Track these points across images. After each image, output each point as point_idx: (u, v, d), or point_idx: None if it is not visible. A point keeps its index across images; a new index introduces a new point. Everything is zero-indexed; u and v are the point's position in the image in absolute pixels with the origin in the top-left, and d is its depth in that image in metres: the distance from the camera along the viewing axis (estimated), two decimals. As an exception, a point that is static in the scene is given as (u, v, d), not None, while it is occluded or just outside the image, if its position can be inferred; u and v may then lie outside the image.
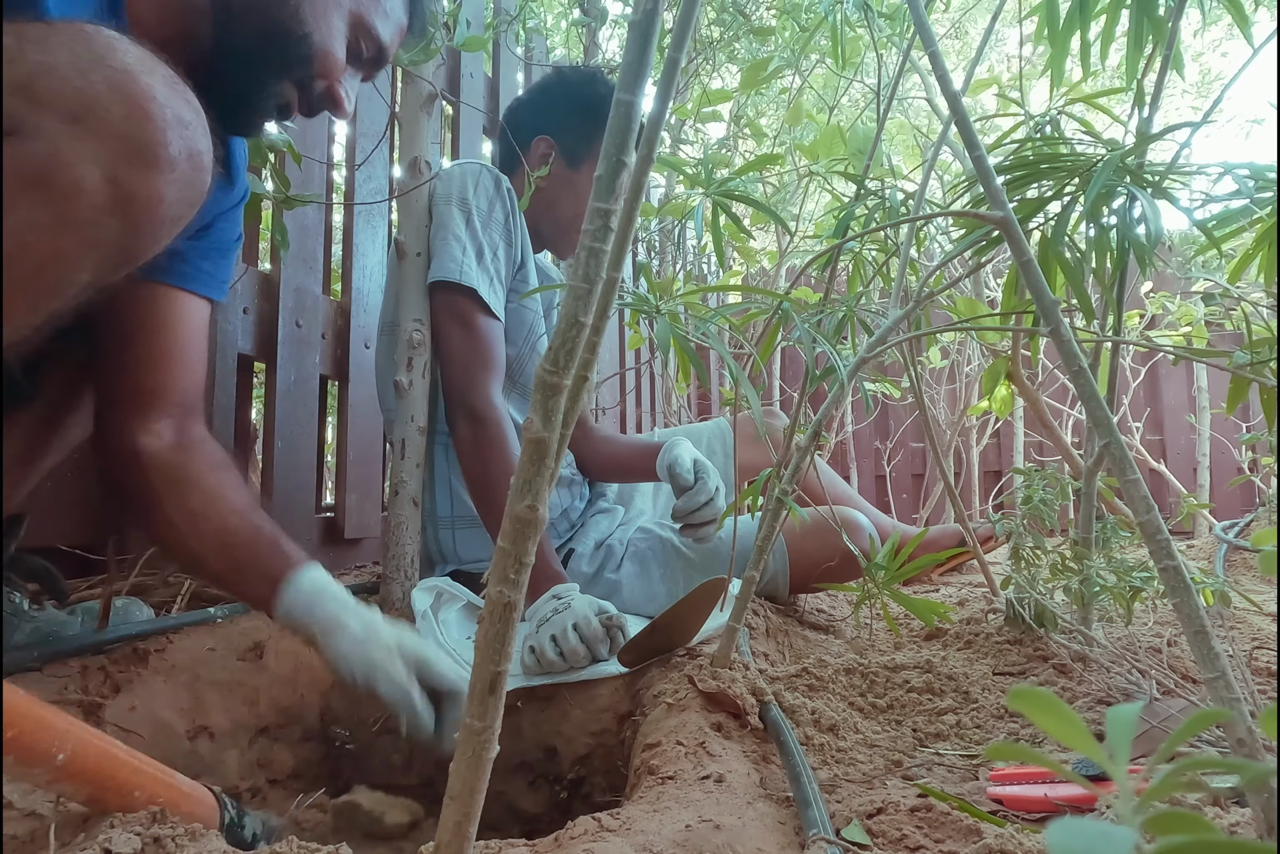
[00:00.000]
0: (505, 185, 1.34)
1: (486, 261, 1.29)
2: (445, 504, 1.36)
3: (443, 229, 1.27)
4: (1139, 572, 0.93)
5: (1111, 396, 1.04)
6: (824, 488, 1.52)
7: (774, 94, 3.14)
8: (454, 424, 1.25)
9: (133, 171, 0.56)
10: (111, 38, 0.57)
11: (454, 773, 0.42)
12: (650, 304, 0.77)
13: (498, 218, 1.32)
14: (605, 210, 0.40)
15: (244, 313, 1.32)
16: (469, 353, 1.25)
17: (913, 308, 0.92)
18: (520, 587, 0.41)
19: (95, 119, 0.54)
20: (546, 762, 1.01)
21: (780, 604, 1.42)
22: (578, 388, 0.41)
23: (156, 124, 0.56)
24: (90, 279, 0.57)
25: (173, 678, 0.89)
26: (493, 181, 1.33)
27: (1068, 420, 3.33)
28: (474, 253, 1.27)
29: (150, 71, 0.57)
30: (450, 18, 1.27)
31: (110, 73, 0.55)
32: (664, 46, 0.90)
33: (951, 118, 0.67)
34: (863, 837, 0.57)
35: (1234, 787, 0.58)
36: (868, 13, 1.30)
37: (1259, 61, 0.88)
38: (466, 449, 1.23)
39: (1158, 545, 0.50)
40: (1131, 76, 0.92)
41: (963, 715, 0.85)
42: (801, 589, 1.47)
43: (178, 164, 0.58)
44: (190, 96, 0.60)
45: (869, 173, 1.10)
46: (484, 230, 1.29)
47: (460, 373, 1.25)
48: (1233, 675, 0.48)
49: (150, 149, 0.56)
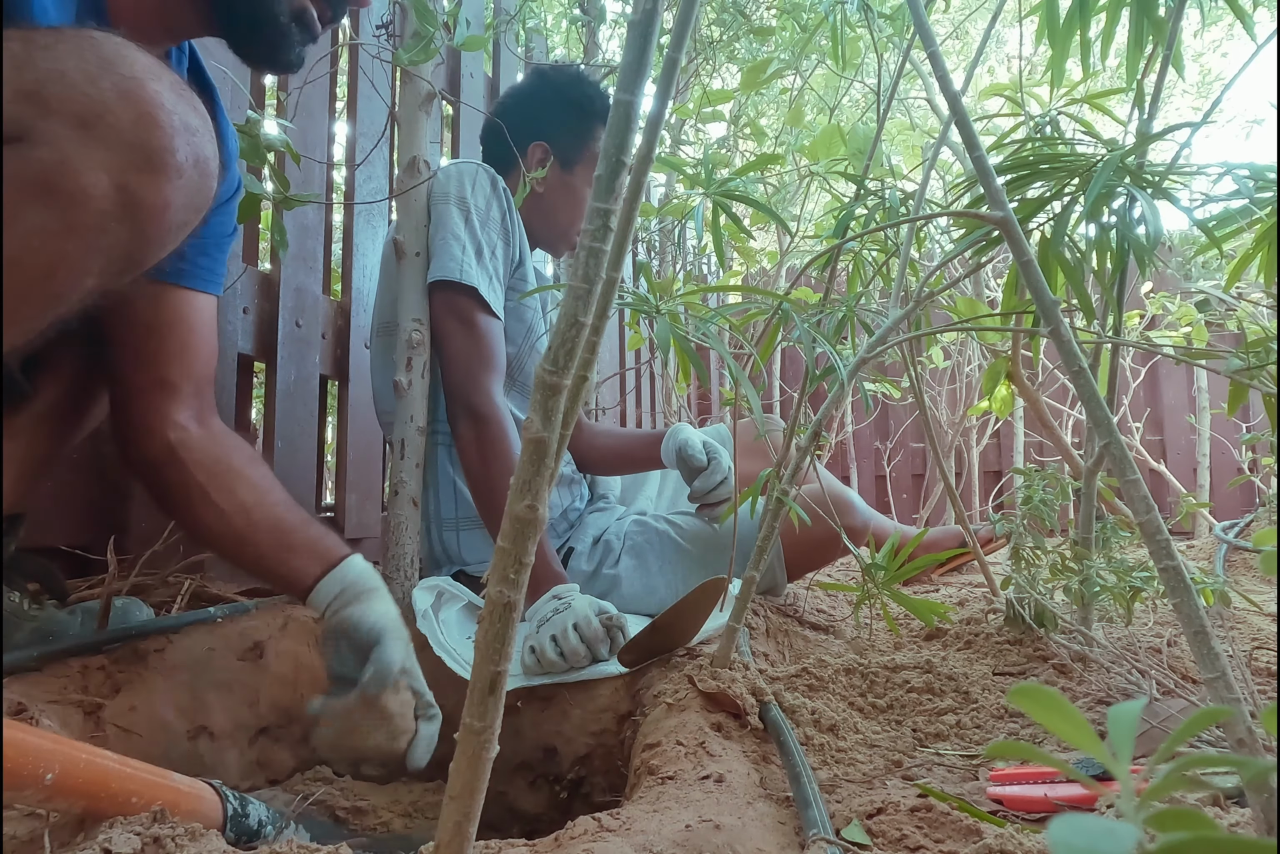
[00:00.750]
0: (501, 184, 1.35)
1: (485, 260, 1.29)
2: (449, 505, 1.36)
3: (441, 228, 1.28)
4: (1139, 572, 0.93)
5: (1111, 397, 1.04)
6: (822, 485, 1.53)
7: (774, 94, 3.14)
8: (455, 423, 1.26)
9: (141, 178, 0.56)
10: (119, 44, 0.57)
11: (454, 773, 0.42)
12: (650, 304, 0.77)
13: (495, 216, 1.32)
14: (605, 210, 0.40)
15: (244, 313, 1.32)
16: (470, 352, 1.26)
17: (913, 308, 0.92)
18: (520, 587, 0.41)
19: (104, 126, 0.54)
20: (546, 762, 1.01)
21: (780, 601, 1.42)
22: (578, 388, 0.41)
23: (165, 131, 0.56)
24: (96, 284, 0.58)
25: (173, 678, 0.89)
26: (489, 180, 1.33)
27: (1068, 420, 3.33)
28: (473, 251, 1.27)
29: (158, 78, 0.57)
30: (450, 18, 1.27)
31: (119, 79, 0.55)
32: (664, 46, 0.90)
33: (951, 118, 0.67)
34: (863, 837, 0.57)
35: (1234, 786, 0.58)
36: (868, 13, 1.30)
37: (1259, 61, 0.88)
38: (468, 448, 1.23)
39: (1158, 545, 0.50)
40: (1132, 76, 0.92)
41: (963, 715, 0.85)
42: (802, 572, 1.47)
43: (185, 170, 0.58)
44: (197, 102, 0.61)
45: (869, 173, 1.10)
46: (482, 229, 1.30)
47: (462, 372, 1.25)
48: (1233, 675, 0.48)
49: (158, 155, 0.56)
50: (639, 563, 1.39)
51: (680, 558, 1.39)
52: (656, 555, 1.40)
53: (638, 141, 0.42)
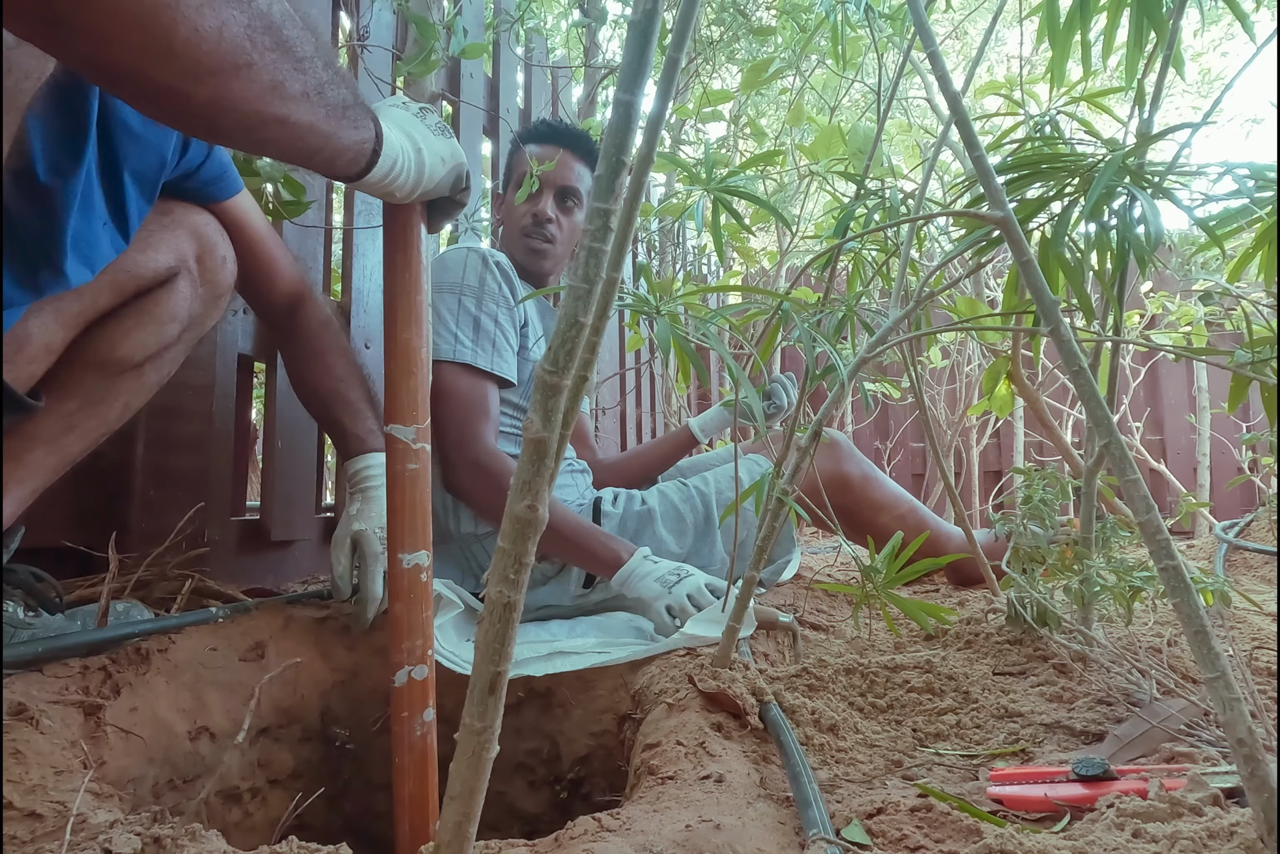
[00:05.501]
0: (492, 259, 1.43)
1: (487, 330, 1.37)
2: (469, 522, 1.39)
3: (436, 315, 1.37)
4: (1139, 572, 0.93)
5: (1111, 396, 1.04)
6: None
7: (774, 94, 3.14)
8: (456, 476, 1.31)
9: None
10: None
11: (454, 773, 0.42)
12: (650, 304, 0.77)
13: (491, 287, 1.40)
14: (605, 210, 0.40)
15: (244, 313, 1.32)
16: (463, 407, 1.32)
17: (913, 308, 0.92)
18: (520, 587, 0.41)
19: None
20: (546, 762, 1.01)
21: (781, 601, 1.42)
22: (578, 388, 0.41)
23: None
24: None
25: (175, 678, 0.89)
26: (479, 259, 1.42)
27: (1068, 420, 3.33)
28: (470, 328, 1.36)
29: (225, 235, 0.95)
30: (449, 24, 1.27)
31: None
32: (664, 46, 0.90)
33: (952, 118, 0.67)
34: (863, 837, 0.57)
35: (1234, 786, 0.58)
36: (869, 13, 1.30)
37: (1259, 61, 0.87)
38: (483, 497, 1.31)
39: (1158, 545, 0.50)
40: (1131, 76, 0.92)
41: (963, 715, 0.85)
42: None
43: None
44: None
45: (869, 173, 1.10)
46: (479, 305, 1.38)
47: (456, 427, 1.31)
48: (1233, 675, 0.48)
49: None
50: (662, 497, 1.50)
51: (698, 496, 1.50)
52: (676, 493, 1.51)
53: (638, 141, 0.42)
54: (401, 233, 0.84)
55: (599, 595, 1.39)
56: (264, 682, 0.87)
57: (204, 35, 0.51)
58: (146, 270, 0.86)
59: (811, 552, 2.38)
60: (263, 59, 0.55)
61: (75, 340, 0.83)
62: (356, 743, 1.05)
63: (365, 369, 1.17)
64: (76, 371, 0.84)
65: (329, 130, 0.64)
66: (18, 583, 0.87)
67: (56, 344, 0.81)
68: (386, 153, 0.72)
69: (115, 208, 0.81)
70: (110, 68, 0.51)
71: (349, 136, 0.67)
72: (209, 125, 0.58)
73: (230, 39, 0.53)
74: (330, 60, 0.63)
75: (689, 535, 1.45)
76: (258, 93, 0.56)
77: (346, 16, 1.53)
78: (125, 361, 0.87)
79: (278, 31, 0.56)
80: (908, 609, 0.91)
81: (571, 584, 1.39)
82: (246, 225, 1.02)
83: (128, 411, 0.91)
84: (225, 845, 0.56)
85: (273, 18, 0.56)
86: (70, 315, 0.81)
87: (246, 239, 1.01)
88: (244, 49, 0.54)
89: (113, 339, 0.85)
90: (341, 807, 1.06)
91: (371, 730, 1.05)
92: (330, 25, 1.50)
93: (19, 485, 0.81)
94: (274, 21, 0.56)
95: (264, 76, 0.56)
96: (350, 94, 0.66)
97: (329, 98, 0.63)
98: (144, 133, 0.81)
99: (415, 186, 0.79)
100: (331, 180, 1.61)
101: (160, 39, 0.49)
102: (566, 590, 1.39)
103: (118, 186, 0.81)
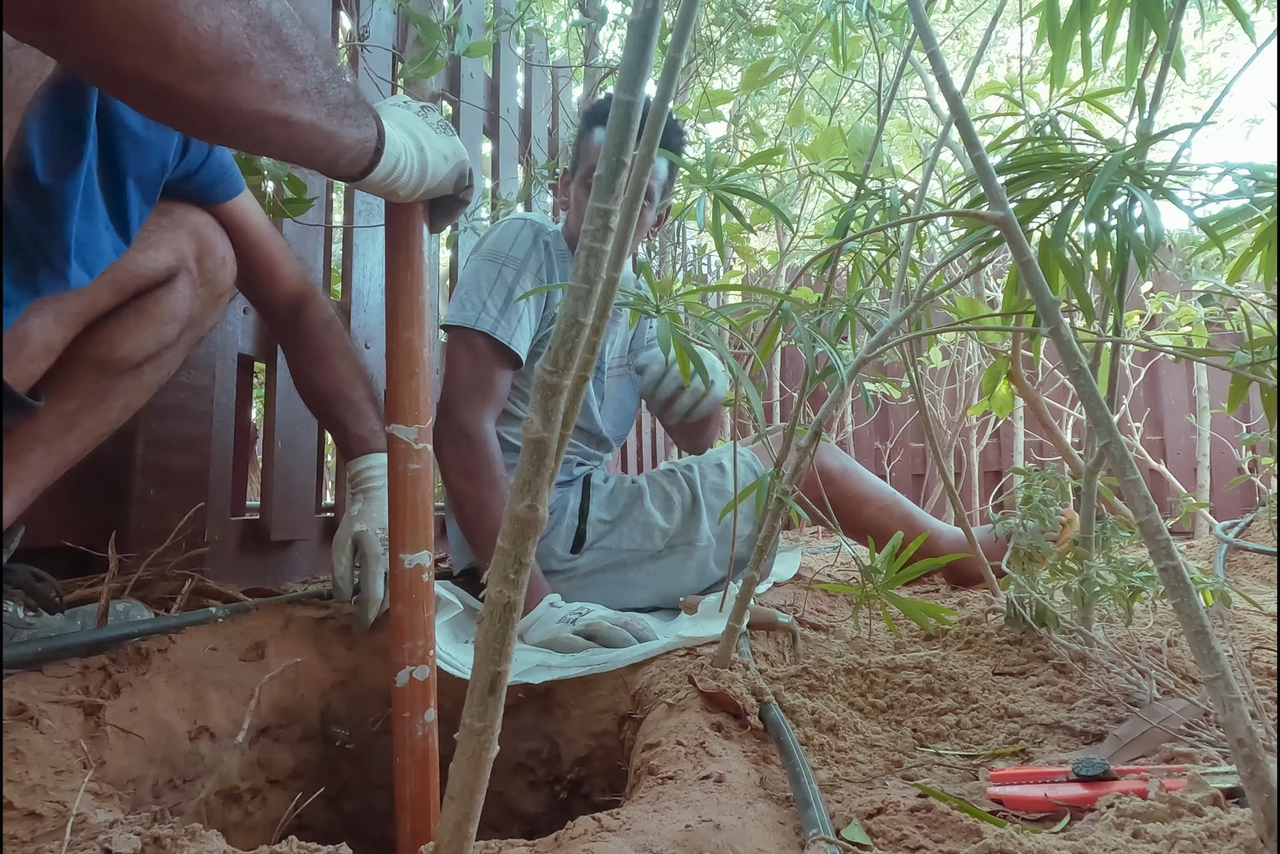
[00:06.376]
0: (544, 237, 1.42)
1: (516, 306, 1.36)
2: None
3: (470, 279, 1.37)
4: (1139, 571, 0.93)
5: (1111, 396, 1.04)
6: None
7: (774, 94, 3.14)
8: (442, 443, 1.30)
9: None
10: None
11: (454, 773, 0.42)
12: (650, 304, 0.77)
13: (531, 267, 1.39)
14: (605, 210, 0.40)
15: (244, 313, 1.32)
16: (474, 380, 1.32)
17: (913, 308, 0.92)
18: (520, 587, 0.41)
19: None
20: (546, 762, 1.01)
21: (780, 601, 1.42)
22: (578, 388, 0.41)
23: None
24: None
25: (175, 678, 0.89)
26: (532, 234, 1.41)
27: (1068, 420, 3.33)
28: (501, 299, 1.35)
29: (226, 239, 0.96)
30: (451, 24, 1.27)
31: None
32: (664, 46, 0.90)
33: (952, 118, 0.67)
34: (863, 837, 0.57)
35: (1234, 786, 0.58)
36: (869, 13, 1.30)
37: (1259, 61, 0.87)
38: (455, 467, 1.29)
39: (1158, 545, 0.50)
40: (1131, 76, 0.92)
41: (963, 715, 0.85)
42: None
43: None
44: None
45: (869, 173, 1.10)
46: (516, 278, 1.37)
47: (460, 393, 1.31)
48: (1233, 675, 0.48)
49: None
50: (651, 480, 1.51)
51: (684, 480, 1.51)
52: (664, 477, 1.52)
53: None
54: (403, 232, 0.84)
55: (589, 563, 1.39)
56: (264, 682, 0.86)
57: (203, 34, 0.51)
58: (146, 270, 0.86)
59: (811, 552, 2.38)
60: (262, 58, 0.55)
61: (75, 340, 0.83)
62: (356, 743, 1.05)
63: (368, 369, 1.17)
64: (76, 371, 0.84)
65: (330, 129, 0.64)
66: (18, 583, 0.87)
67: (56, 344, 0.81)
68: (389, 151, 0.72)
69: (116, 211, 0.81)
70: (109, 68, 0.51)
71: (351, 135, 0.67)
72: (209, 125, 0.58)
73: (229, 38, 0.53)
74: (330, 59, 0.63)
75: (676, 513, 1.46)
76: (258, 92, 0.56)
77: (346, 16, 1.53)
78: (125, 361, 0.86)
79: (277, 30, 0.56)
80: (908, 609, 0.91)
81: (558, 545, 1.39)
82: (248, 226, 1.01)
83: (128, 411, 0.91)
84: (225, 845, 0.56)
85: (272, 16, 0.56)
86: (70, 315, 0.81)
87: (248, 239, 1.01)
88: (243, 48, 0.54)
89: (113, 339, 0.85)
90: (341, 807, 1.06)
91: (371, 730, 1.05)
92: (330, 25, 1.50)
93: (19, 485, 0.81)
94: (273, 20, 0.56)
95: (264, 75, 0.56)
96: (351, 93, 0.66)
97: (330, 96, 0.63)
98: (145, 135, 0.81)
99: (419, 185, 0.78)
100: (333, 180, 1.62)
101: (159, 38, 0.49)
102: (552, 551, 1.38)
103: (119, 189, 0.80)
